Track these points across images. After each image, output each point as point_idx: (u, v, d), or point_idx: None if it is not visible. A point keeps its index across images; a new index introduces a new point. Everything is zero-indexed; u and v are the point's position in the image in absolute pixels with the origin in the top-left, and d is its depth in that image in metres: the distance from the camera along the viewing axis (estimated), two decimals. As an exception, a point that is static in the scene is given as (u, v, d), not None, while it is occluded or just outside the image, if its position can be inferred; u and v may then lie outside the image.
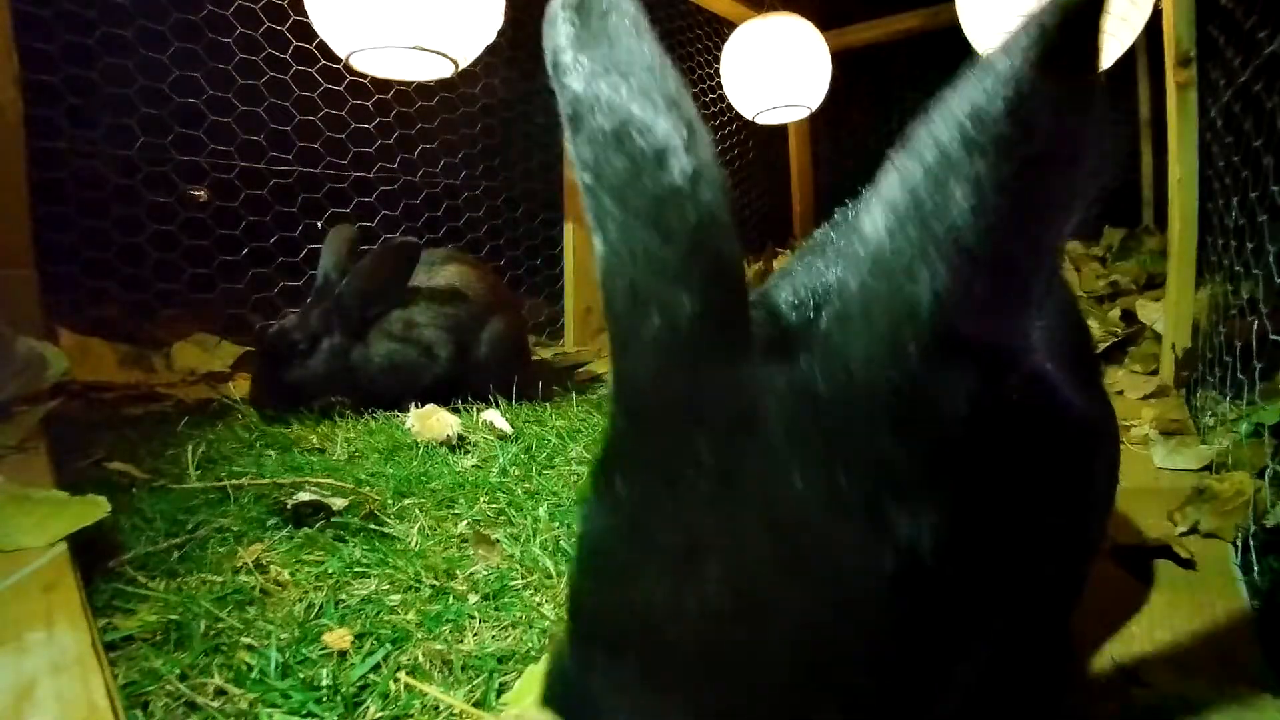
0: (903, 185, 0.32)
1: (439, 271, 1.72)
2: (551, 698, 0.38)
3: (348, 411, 1.53)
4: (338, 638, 0.70)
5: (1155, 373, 1.73)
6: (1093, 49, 0.32)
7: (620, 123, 0.36)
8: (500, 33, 1.72)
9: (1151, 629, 0.74)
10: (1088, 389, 0.60)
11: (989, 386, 0.33)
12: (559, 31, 0.38)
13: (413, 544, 0.92)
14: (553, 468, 1.23)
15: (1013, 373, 0.35)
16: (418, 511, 1.02)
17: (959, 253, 0.31)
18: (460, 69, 1.71)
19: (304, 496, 0.98)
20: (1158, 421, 1.35)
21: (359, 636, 0.71)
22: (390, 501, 1.04)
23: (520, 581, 0.83)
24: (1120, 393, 1.66)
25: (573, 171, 0.38)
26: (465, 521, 0.99)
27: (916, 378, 0.31)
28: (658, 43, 0.39)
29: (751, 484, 0.33)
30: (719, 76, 2.75)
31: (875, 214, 0.32)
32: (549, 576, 0.84)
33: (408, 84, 2.18)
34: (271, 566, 0.84)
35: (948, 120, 0.32)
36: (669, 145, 0.35)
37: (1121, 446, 1.29)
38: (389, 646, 0.69)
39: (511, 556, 0.89)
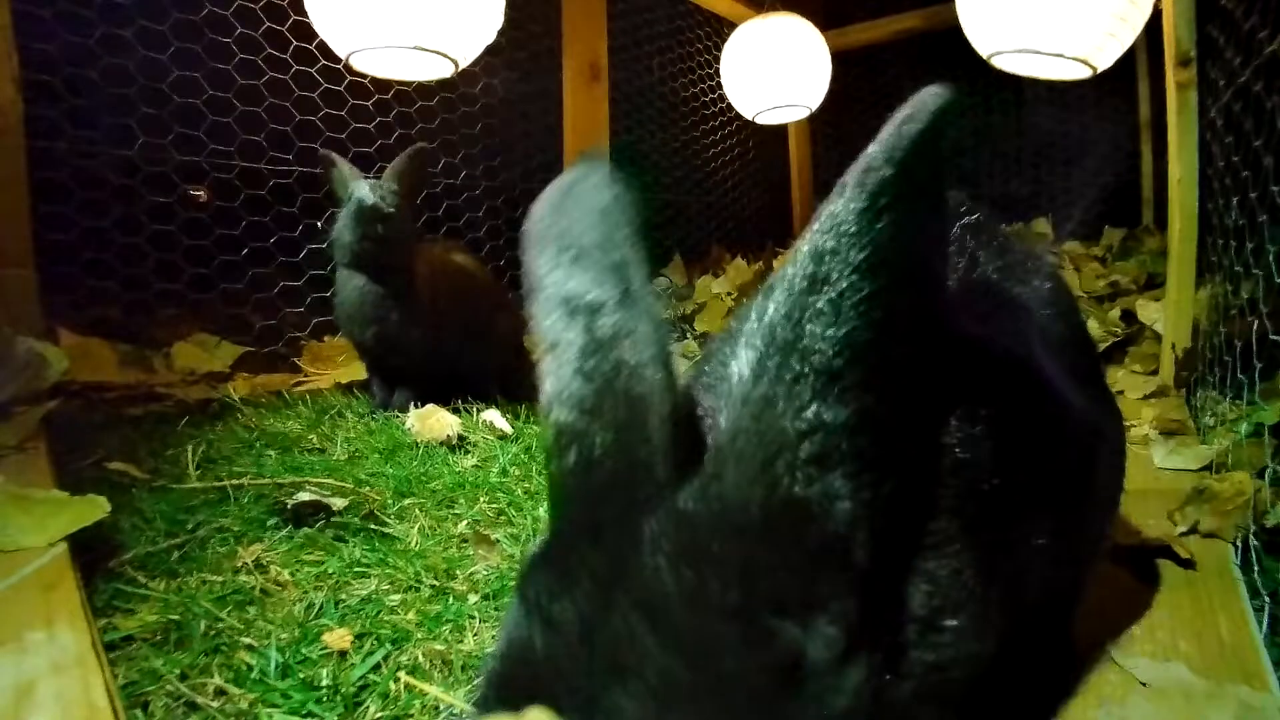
0: (761, 325, 0.37)
1: (439, 269, 1.71)
2: None
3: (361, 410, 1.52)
4: (338, 638, 0.70)
5: (1155, 373, 1.73)
6: (927, 181, 0.37)
7: (562, 293, 0.43)
8: (500, 33, 1.72)
9: (1151, 629, 0.74)
10: (1089, 392, 0.60)
11: (875, 483, 0.36)
12: (534, 216, 0.47)
13: (413, 544, 0.92)
14: (553, 468, 1.23)
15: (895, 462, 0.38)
16: (418, 511, 1.02)
17: (817, 377, 0.35)
18: (460, 69, 1.71)
19: (304, 496, 0.98)
20: (1158, 421, 1.35)
21: (359, 636, 0.71)
22: (390, 501, 1.04)
23: (520, 581, 0.83)
24: (1120, 393, 1.66)
25: (537, 338, 0.44)
26: (465, 521, 0.99)
27: (788, 500, 0.35)
28: (620, 214, 0.45)
29: (636, 606, 0.36)
30: (719, 76, 2.75)
31: (741, 353, 0.37)
32: (549, 576, 0.84)
33: (408, 84, 2.18)
34: (271, 566, 0.84)
35: (794, 262, 0.37)
36: (598, 306, 0.41)
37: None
38: (389, 646, 0.69)
39: (511, 556, 0.89)
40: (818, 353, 0.35)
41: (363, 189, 1.52)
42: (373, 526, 0.96)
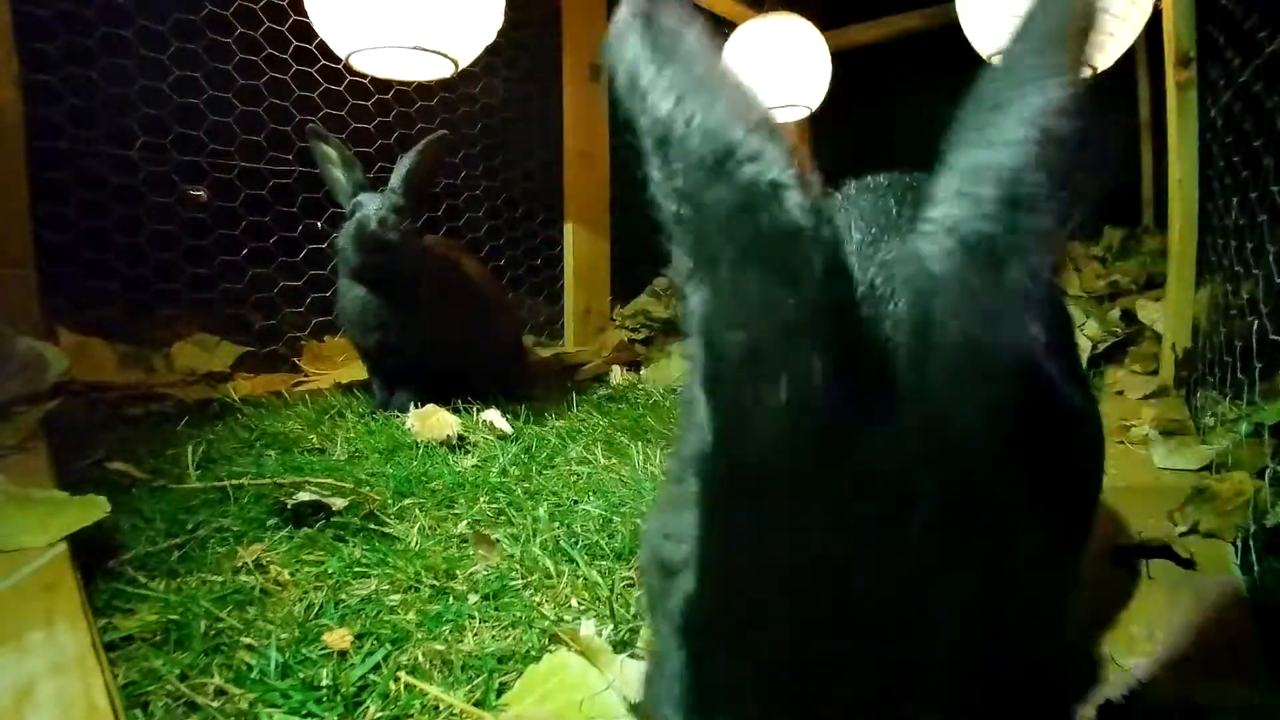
0: (978, 221, 0.30)
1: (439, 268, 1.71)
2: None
3: (361, 409, 1.52)
4: (338, 638, 0.70)
5: (1155, 373, 1.73)
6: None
7: (723, 148, 0.31)
8: (500, 33, 1.72)
9: (1151, 629, 0.74)
10: (1071, 376, 0.60)
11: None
12: (633, 45, 0.34)
13: (413, 544, 0.92)
14: (553, 468, 1.23)
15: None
16: (418, 511, 1.02)
17: (1037, 287, 0.30)
18: (460, 69, 1.71)
19: (304, 496, 0.98)
20: (1158, 421, 1.35)
21: (359, 636, 0.71)
22: (390, 501, 1.04)
23: (520, 581, 0.83)
24: (1120, 393, 1.66)
25: (662, 204, 0.33)
26: (465, 521, 0.99)
27: (1018, 407, 0.30)
28: (714, 46, 0.35)
29: (922, 555, 0.32)
30: (719, 76, 2.74)
31: (942, 247, 0.30)
32: (549, 576, 0.84)
33: (408, 84, 2.18)
34: (271, 566, 0.84)
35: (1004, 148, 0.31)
36: (783, 177, 0.30)
37: (1121, 446, 1.29)
38: (389, 646, 0.69)
39: (511, 556, 0.89)
40: (1038, 260, 0.30)
41: (367, 209, 1.50)
42: (373, 526, 0.96)
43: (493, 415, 1.47)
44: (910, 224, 0.34)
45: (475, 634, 0.73)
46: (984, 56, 1.95)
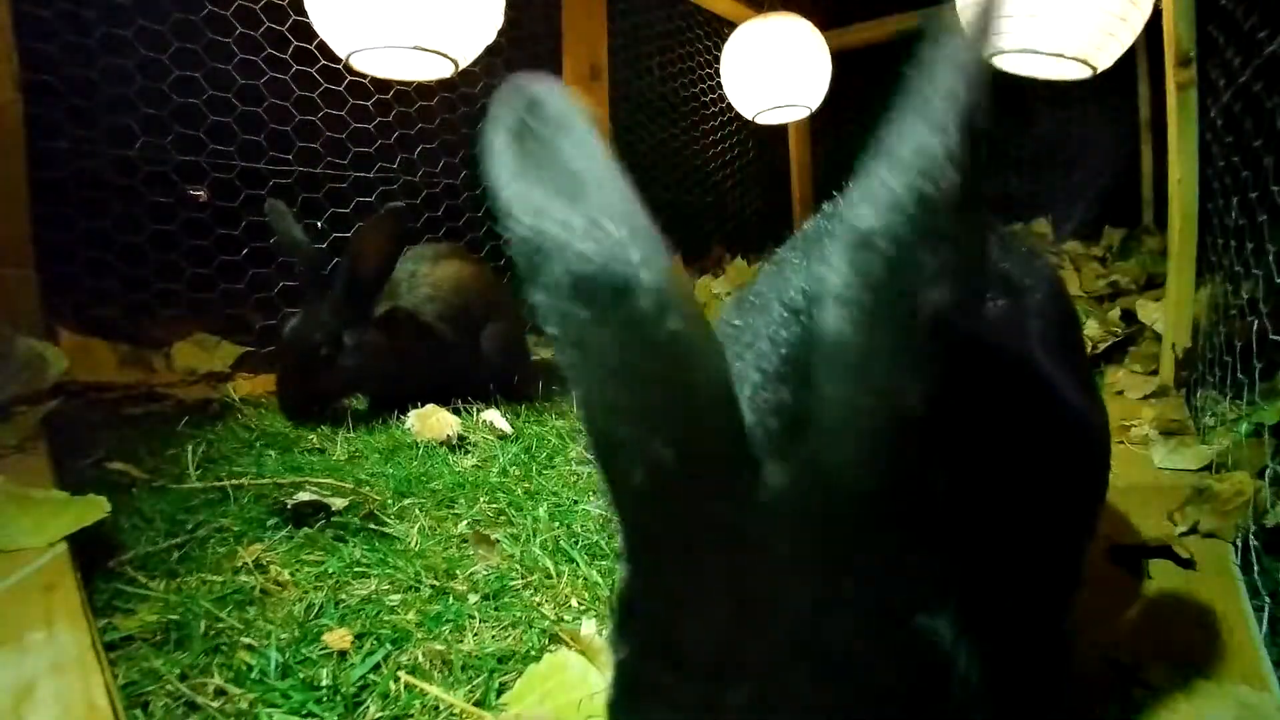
0: (856, 282, 0.30)
1: (439, 268, 1.71)
2: None
3: (359, 410, 1.52)
4: (338, 638, 0.70)
5: (1155, 373, 1.73)
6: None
7: (574, 266, 0.32)
8: (500, 33, 1.72)
9: (1151, 629, 0.74)
10: (1077, 379, 0.60)
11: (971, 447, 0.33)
12: (497, 164, 0.35)
13: (413, 544, 0.92)
14: (553, 468, 1.23)
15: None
16: (418, 511, 1.02)
17: (930, 346, 0.30)
18: (460, 69, 1.71)
19: (304, 496, 0.98)
20: (1158, 421, 1.35)
21: (359, 636, 0.71)
22: (390, 501, 1.04)
23: (520, 581, 0.83)
24: (1120, 393, 1.66)
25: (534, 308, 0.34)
26: (465, 521, 0.99)
27: (912, 481, 0.31)
28: (600, 141, 0.35)
29: (769, 609, 0.33)
30: (719, 76, 2.75)
31: (829, 312, 0.30)
32: (549, 576, 0.84)
33: (408, 84, 2.18)
34: (271, 566, 0.84)
35: (889, 208, 0.30)
36: (628, 281, 0.31)
37: (1121, 446, 1.29)
38: (389, 646, 0.69)
39: (511, 556, 0.89)
40: (936, 318, 0.29)
41: (293, 325, 1.50)
42: (373, 526, 0.96)
43: (493, 415, 1.47)
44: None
45: (475, 634, 0.73)
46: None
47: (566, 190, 0.33)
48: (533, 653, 0.69)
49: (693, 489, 0.33)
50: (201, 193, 2.06)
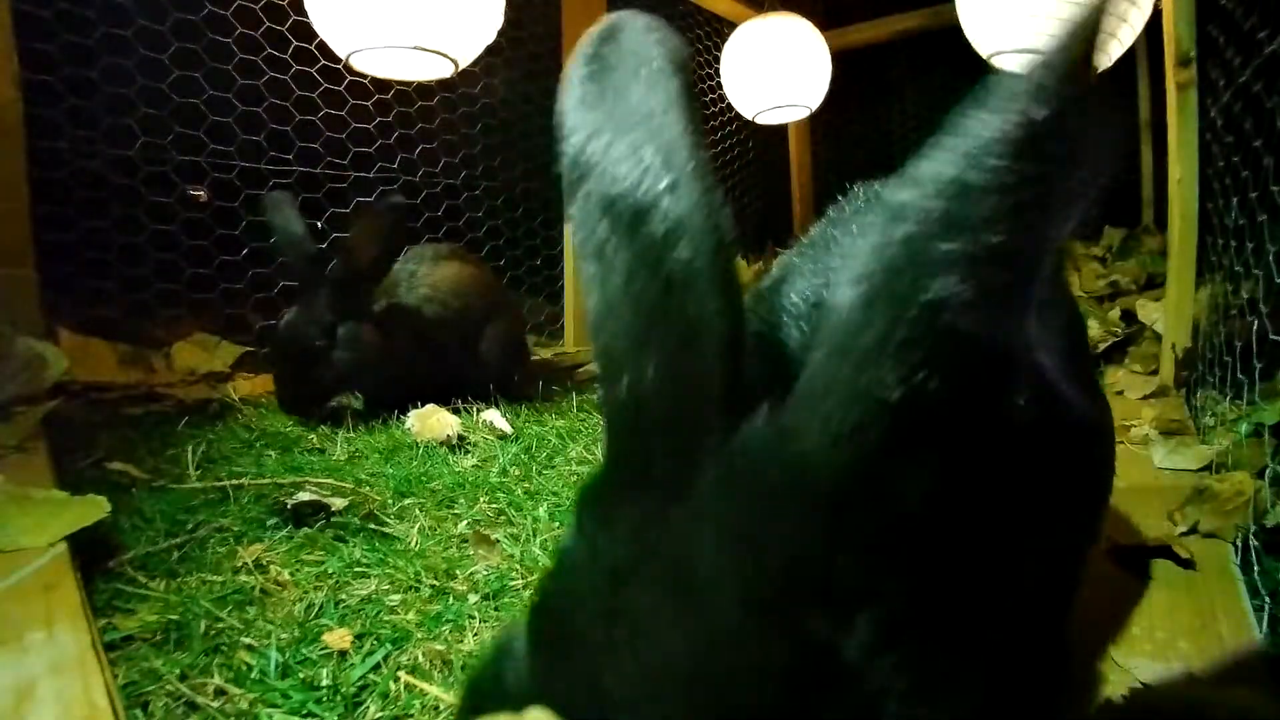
0: (876, 260, 0.29)
1: (438, 268, 1.71)
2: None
3: (358, 410, 1.52)
4: (338, 638, 0.70)
5: (1155, 373, 1.73)
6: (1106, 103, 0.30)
7: (605, 185, 0.35)
8: (500, 33, 1.72)
9: (1151, 629, 0.74)
10: (1083, 383, 0.60)
11: (957, 461, 0.31)
12: (568, 92, 0.38)
13: (413, 544, 0.92)
14: (553, 468, 1.23)
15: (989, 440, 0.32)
16: (418, 511, 1.02)
17: (937, 340, 0.28)
18: (460, 69, 1.71)
19: (304, 496, 0.98)
20: (1158, 421, 1.35)
21: (359, 636, 0.71)
22: (390, 501, 1.04)
23: (520, 581, 0.83)
24: (1120, 393, 1.66)
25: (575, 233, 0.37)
26: (465, 521, 0.99)
27: (872, 474, 0.30)
28: (675, 78, 0.37)
29: (681, 561, 0.32)
30: (719, 76, 2.75)
31: (845, 288, 0.30)
32: (549, 576, 0.84)
33: (408, 84, 2.18)
34: (271, 566, 0.84)
35: (922, 188, 0.29)
36: (648, 204, 0.34)
37: (1121, 446, 1.29)
38: (389, 646, 0.69)
39: (511, 556, 0.89)
40: (945, 311, 0.28)
41: (287, 318, 1.49)
42: (373, 526, 0.96)
43: (493, 415, 1.47)
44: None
45: (475, 634, 0.73)
46: (984, 57, 1.95)
47: (620, 119, 0.36)
48: (533, 653, 0.69)
49: (667, 418, 0.33)
50: (201, 193, 2.06)
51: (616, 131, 0.35)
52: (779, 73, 2.55)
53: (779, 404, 0.32)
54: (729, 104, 2.78)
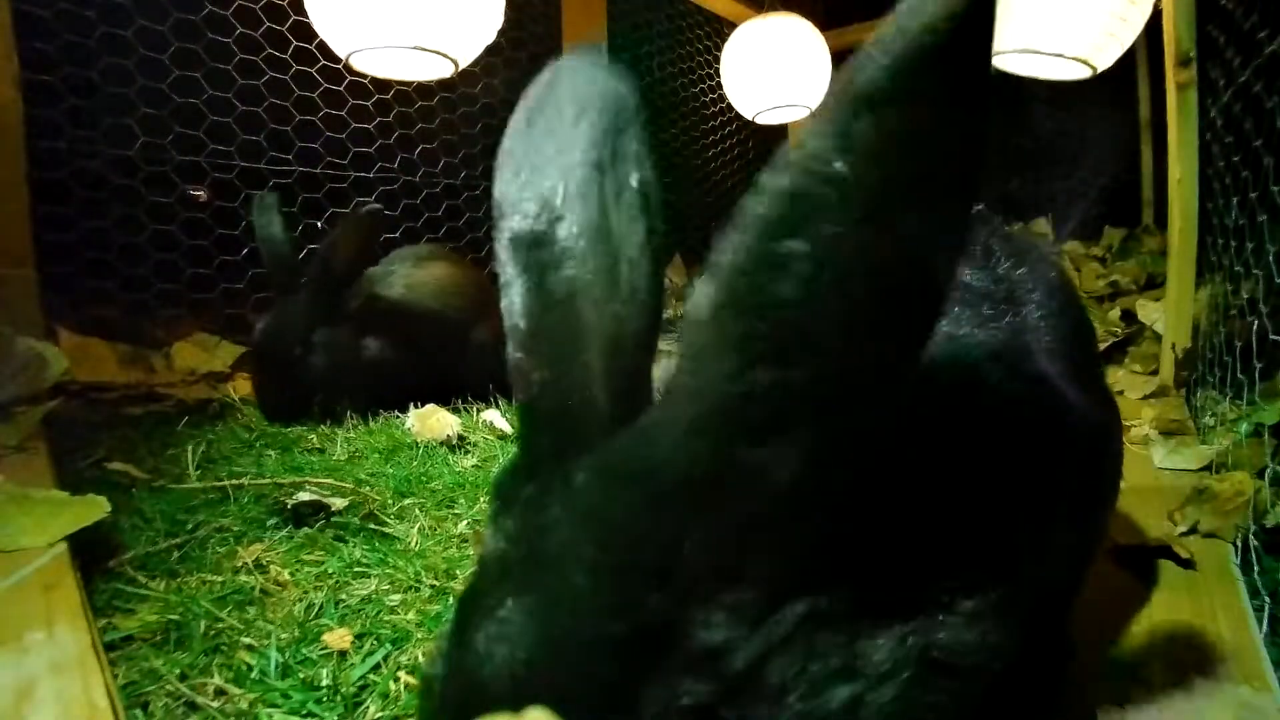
0: (721, 265, 0.30)
1: (419, 269, 1.70)
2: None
3: (353, 415, 1.51)
4: (338, 638, 0.70)
5: (1155, 373, 1.73)
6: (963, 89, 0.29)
7: (513, 221, 0.40)
8: (500, 33, 1.72)
9: (1151, 629, 0.74)
10: (1090, 386, 0.60)
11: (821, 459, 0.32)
12: (505, 137, 0.43)
13: (413, 544, 0.92)
14: (553, 468, 1.23)
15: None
16: (418, 511, 1.02)
17: (771, 337, 0.29)
18: (460, 69, 1.71)
19: (304, 496, 0.98)
20: (1158, 421, 1.35)
21: (359, 636, 0.71)
22: (390, 501, 1.04)
23: (520, 581, 0.83)
24: (1120, 393, 1.66)
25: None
26: (465, 521, 0.99)
27: (709, 471, 0.32)
28: (603, 116, 0.41)
29: (548, 545, 0.35)
30: (719, 76, 2.75)
31: (699, 292, 0.31)
32: (549, 576, 0.84)
33: (408, 84, 2.18)
34: (271, 566, 0.84)
35: (766, 196, 0.29)
36: (540, 233, 0.39)
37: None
38: (389, 646, 0.69)
39: (511, 556, 0.89)
40: (778, 309, 0.29)
41: (262, 335, 1.49)
42: (373, 526, 0.96)
43: (493, 415, 1.47)
44: None
45: (475, 634, 0.73)
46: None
47: (537, 159, 0.40)
48: (533, 653, 0.69)
49: (550, 419, 0.38)
50: (201, 193, 2.06)
51: (530, 172, 0.40)
52: (779, 73, 2.55)
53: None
54: (729, 104, 2.78)
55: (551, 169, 0.40)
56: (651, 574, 0.33)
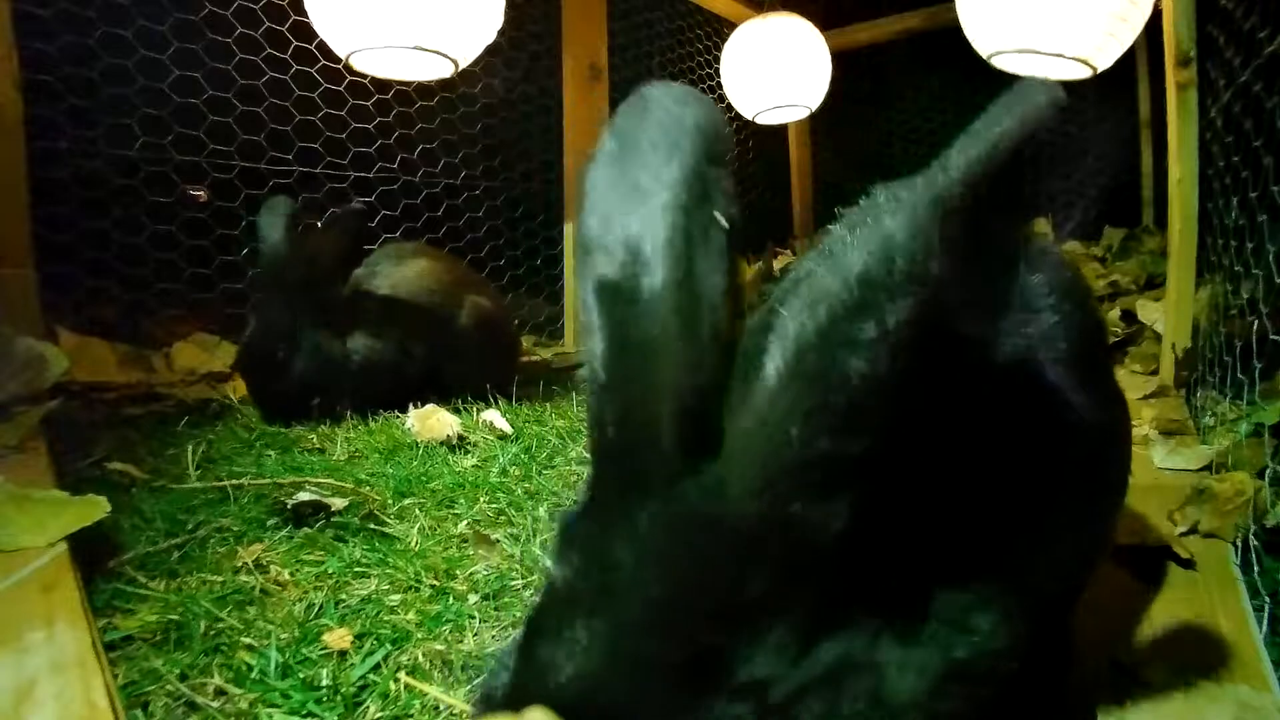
0: (792, 339, 0.33)
1: (401, 267, 1.70)
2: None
3: (353, 415, 1.51)
4: (338, 638, 0.70)
5: (1155, 373, 1.73)
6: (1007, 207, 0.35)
7: (598, 266, 0.39)
8: (500, 33, 1.72)
9: (1151, 629, 0.74)
10: (1098, 387, 0.60)
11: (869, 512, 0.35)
12: (590, 170, 0.41)
13: (413, 544, 0.92)
14: (553, 468, 1.23)
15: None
16: (418, 511, 1.02)
17: (842, 412, 0.33)
18: (460, 69, 1.71)
19: (304, 496, 0.97)
20: (1158, 421, 1.35)
21: (359, 636, 0.71)
22: (390, 501, 1.04)
23: (520, 581, 0.83)
24: (1120, 393, 1.66)
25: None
26: (465, 521, 0.99)
27: (775, 525, 0.35)
28: (689, 154, 0.40)
29: (615, 582, 0.37)
30: (719, 76, 2.75)
31: (770, 358, 0.34)
32: (549, 576, 0.84)
33: (408, 84, 2.18)
34: (271, 566, 0.84)
35: (840, 278, 0.32)
36: (624, 284, 0.38)
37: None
38: (389, 646, 0.69)
39: (511, 556, 0.89)
40: (847, 387, 0.32)
41: (249, 341, 1.49)
42: (373, 526, 0.96)
43: (493, 415, 1.47)
44: None
45: (475, 634, 0.73)
46: (984, 57, 1.95)
47: (621, 200, 0.39)
48: (533, 653, 0.69)
49: (622, 465, 0.39)
50: (201, 193, 2.06)
51: (615, 213, 0.39)
52: (779, 73, 2.55)
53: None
54: (729, 104, 2.78)
55: (641, 211, 0.39)
56: (709, 611, 0.36)
